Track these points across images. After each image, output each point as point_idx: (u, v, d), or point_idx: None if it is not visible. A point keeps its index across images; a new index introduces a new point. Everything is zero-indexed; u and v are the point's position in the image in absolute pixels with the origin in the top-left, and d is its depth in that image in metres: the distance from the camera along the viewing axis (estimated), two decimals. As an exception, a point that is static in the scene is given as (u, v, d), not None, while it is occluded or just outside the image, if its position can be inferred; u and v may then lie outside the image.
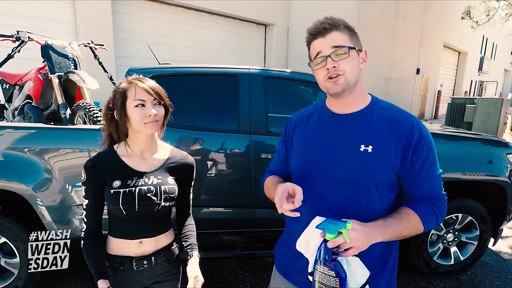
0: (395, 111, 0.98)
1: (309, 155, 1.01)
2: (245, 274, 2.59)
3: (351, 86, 0.93)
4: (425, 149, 0.92)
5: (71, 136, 2.12)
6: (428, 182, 0.95)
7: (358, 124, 0.96)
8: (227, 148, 2.20)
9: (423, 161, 0.92)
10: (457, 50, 15.91)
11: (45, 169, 2.01)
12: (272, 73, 2.35)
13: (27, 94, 2.69)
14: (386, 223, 0.87)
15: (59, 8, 5.91)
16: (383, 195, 0.95)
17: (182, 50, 7.81)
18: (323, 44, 0.91)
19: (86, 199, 1.10)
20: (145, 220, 1.12)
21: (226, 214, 2.29)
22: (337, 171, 0.94)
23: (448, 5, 12.48)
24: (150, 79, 1.13)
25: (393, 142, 0.92)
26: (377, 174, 0.92)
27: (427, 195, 0.95)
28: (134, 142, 1.14)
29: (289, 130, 1.13)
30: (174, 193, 1.15)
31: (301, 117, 1.11)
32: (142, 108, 1.06)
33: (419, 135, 0.92)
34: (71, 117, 2.51)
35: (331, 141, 0.98)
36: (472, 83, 18.54)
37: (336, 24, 0.92)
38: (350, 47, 0.90)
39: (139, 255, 1.12)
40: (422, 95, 12.23)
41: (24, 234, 2.06)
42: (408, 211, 0.92)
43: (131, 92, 1.07)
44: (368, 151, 0.92)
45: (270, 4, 9.30)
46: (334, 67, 0.90)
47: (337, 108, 1.01)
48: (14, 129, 2.03)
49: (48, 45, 2.53)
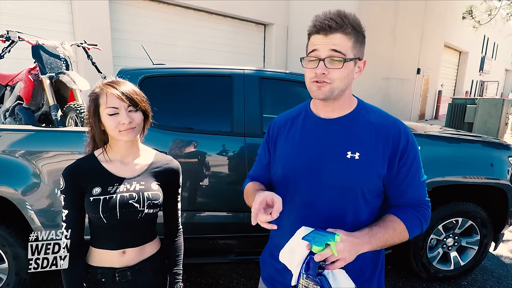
0: (381, 116, 0.95)
1: (294, 161, 0.97)
2: (240, 279, 2.54)
3: (336, 95, 0.88)
4: (411, 155, 0.90)
5: (61, 138, 2.06)
6: (414, 188, 0.93)
7: (344, 129, 0.93)
8: (221, 151, 2.14)
9: (409, 167, 0.91)
10: (458, 49, 15.84)
11: (34, 172, 1.96)
12: (267, 74, 2.29)
13: (18, 95, 2.64)
14: (372, 232, 0.85)
15: (56, 8, 5.86)
16: (370, 203, 0.92)
17: (180, 50, 7.76)
18: (323, 43, 0.85)
19: (66, 209, 1.03)
20: (128, 229, 1.06)
21: (220, 218, 2.23)
22: (324, 179, 0.91)
23: (449, 5, 12.41)
24: (127, 83, 1.06)
25: (380, 148, 0.89)
26: (365, 182, 0.89)
27: (412, 202, 0.94)
28: (114, 147, 1.08)
29: (272, 134, 1.08)
30: (158, 200, 1.09)
31: (284, 120, 1.06)
32: (116, 116, 1.00)
33: (406, 141, 0.90)
34: (62, 118, 2.45)
35: (316, 147, 0.94)
36: (473, 83, 18.47)
37: (344, 25, 0.84)
38: (347, 58, 0.84)
39: (123, 266, 1.07)
40: (422, 95, 12.17)
41: (13, 239, 2.01)
42: (394, 219, 0.90)
43: (103, 99, 1.01)
44: (355, 158, 0.89)
45: (269, 4, 9.24)
46: (324, 74, 0.85)
47: (322, 112, 0.97)
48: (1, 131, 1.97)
49: (39, 45, 2.47)
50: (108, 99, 1.00)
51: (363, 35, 0.89)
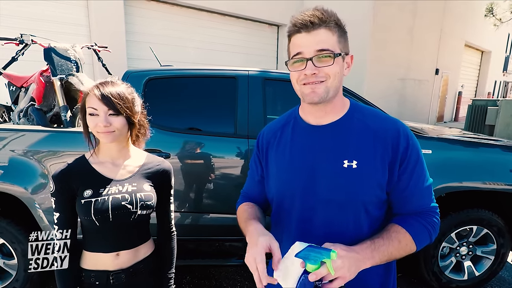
0: (377, 117, 0.87)
1: (287, 176, 0.89)
2: (244, 282, 2.51)
3: (330, 96, 0.82)
4: (412, 158, 0.82)
5: (69, 139, 2.11)
6: (418, 194, 0.85)
7: (338, 136, 0.85)
8: (224, 153, 2.12)
9: (411, 172, 0.83)
10: (480, 49, 15.24)
11: (42, 173, 2.00)
12: (272, 75, 2.26)
13: (31, 97, 2.73)
14: (374, 245, 0.77)
15: (73, 11, 6.04)
16: (372, 215, 0.85)
17: (193, 51, 7.84)
18: (307, 42, 0.78)
19: (57, 212, 1.03)
20: (121, 231, 1.05)
21: (223, 221, 2.22)
22: (320, 192, 0.84)
23: (470, 3, 11.96)
24: (121, 85, 1.05)
25: (378, 154, 0.81)
26: (365, 194, 0.82)
27: (417, 210, 0.85)
28: (104, 148, 1.08)
29: (261, 147, 1.00)
30: (151, 201, 1.08)
31: (273, 131, 0.98)
32: (95, 118, 1.00)
33: (406, 143, 0.82)
34: (71, 119, 2.51)
35: (310, 158, 0.86)
36: (496, 83, 17.72)
37: (326, 19, 0.78)
38: (336, 53, 0.78)
39: (117, 268, 1.06)
40: (441, 97, 11.77)
41: (22, 236, 2.07)
42: (398, 229, 0.81)
43: (87, 98, 1.01)
44: (352, 167, 0.81)
45: (282, 4, 9.19)
46: (314, 74, 0.78)
47: (312, 118, 0.89)
48: (10, 132, 2.03)
49: (50, 47, 2.54)
50: (90, 100, 1.00)
51: (344, 30, 0.83)
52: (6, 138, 1.99)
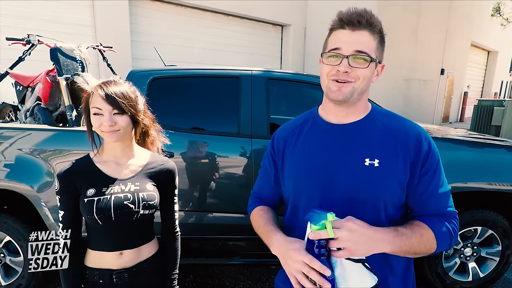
0: (396, 120, 0.88)
1: (306, 174, 0.88)
2: (247, 281, 2.52)
3: (355, 97, 0.82)
4: (434, 162, 0.83)
5: (74, 138, 2.13)
6: (437, 198, 0.84)
7: (360, 135, 0.85)
8: (227, 152, 2.13)
9: (432, 175, 0.83)
10: (486, 49, 15.08)
11: (48, 171, 2.03)
12: (275, 75, 2.26)
13: (38, 96, 2.76)
14: (397, 232, 0.75)
15: (79, 11, 6.11)
16: (391, 215, 0.84)
17: (197, 51, 7.87)
18: (348, 40, 0.78)
19: (62, 210, 1.05)
20: (124, 230, 1.06)
21: (225, 220, 2.23)
22: (341, 191, 0.83)
23: (476, 3, 11.85)
24: (121, 84, 1.06)
25: (400, 154, 0.82)
26: (387, 193, 0.81)
27: (437, 213, 0.84)
28: (108, 148, 1.09)
29: (277, 147, 0.98)
30: (154, 200, 1.08)
31: (290, 130, 0.97)
32: (99, 117, 1.01)
33: (428, 147, 0.83)
34: (77, 118, 2.54)
35: (329, 156, 0.85)
36: (502, 84, 17.52)
37: (373, 23, 0.79)
38: (373, 58, 0.79)
39: (120, 267, 1.06)
40: (446, 97, 11.67)
41: (28, 233, 2.09)
42: (421, 224, 0.80)
43: (91, 98, 1.02)
44: (374, 166, 0.81)
45: (286, 4, 9.19)
46: (346, 73, 0.78)
47: (333, 117, 0.89)
48: (17, 130, 2.06)
49: (56, 48, 2.58)
50: (94, 99, 1.01)
51: (384, 40, 0.84)
52: (13, 137, 2.02)
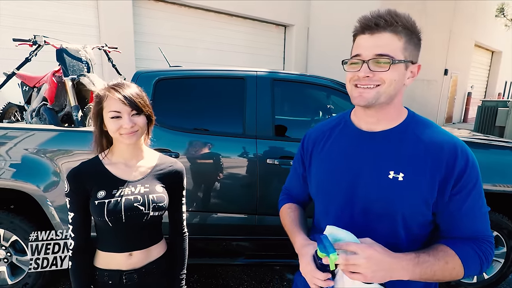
0: (435, 132, 0.81)
1: (329, 178, 0.88)
2: (251, 281, 2.52)
3: (381, 101, 0.78)
4: (470, 181, 0.76)
5: (80, 138, 2.14)
6: (471, 220, 0.78)
7: (388, 145, 0.81)
8: (232, 153, 2.14)
9: (467, 194, 0.76)
10: (490, 49, 15.00)
11: (54, 171, 2.05)
12: (280, 76, 2.27)
13: (44, 96, 2.78)
14: (418, 259, 0.72)
15: (83, 12, 6.13)
16: (412, 232, 0.80)
17: (201, 52, 7.88)
18: (368, 45, 0.76)
19: (72, 212, 1.04)
20: (134, 232, 1.07)
21: (230, 220, 2.23)
22: (361, 200, 0.81)
23: (480, 3, 11.79)
24: (131, 85, 1.07)
25: (428, 170, 0.76)
26: (407, 208, 0.77)
27: (469, 235, 0.78)
28: (118, 149, 1.09)
29: (306, 147, 0.99)
30: (163, 202, 1.09)
31: (321, 132, 0.96)
32: (118, 120, 1.01)
33: (465, 164, 0.75)
34: (82, 119, 2.56)
35: (355, 164, 0.83)
36: (506, 84, 17.41)
37: (393, 23, 0.74)
38: (396, 60, 0.74)
39: (129, 268, 1.07)
40: (450, 97, 11.62)
41: (35, 233, 2.11)
42: (447, 250, 0.75)
43: (106, 102, 1.01)
44: (398, 179, 0.77)
45: (289, 5, 9.18)
46: (368, 77, 0.76)
47: (364, 124, 0.86)
48: (24, 131, 2.08)
49: (62, 48, 2.59)
50: (111, 103, 1.01)
51: (417, 38, 0.78)
52: (20, 137, 2.04)
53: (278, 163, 2.12)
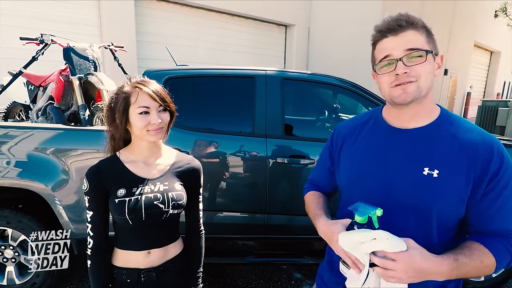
0: (470, 131, 0.81)
1: (361, 174, 0.89)
2: (259, 281, 2.52)
3: (422, 96, 0.80)
4: (504, 179, 0.77)
5: (88, 137, 2.14)
6: (503, 217, 0.79)
7: (422, 142, 0.82)
8: (242, 152, 2.14)
9: (499, 193, 0.77)
10: (489, 49, 15.08)
11: (63, 169, 2.04)
12: (290, 75, 2.27)
13: (50, 95, 2.77)
14: (457, 263, 0.72)
15: (85, 11, 6.11)
16: (445, 227, 0.81)
17: (203, 51, 7.87)
18: (395, 44, 0.78)
19: (90, 211, 1.04)
20: (153, 230, 1.07)
21: (239, 219, 2.23)
22: (393, 195, 0.82)
23: (479, 3, 11.85)
24: (155, 82, 1.07)
25: (463, 167, 0.77)
26: (441, 204, 0.78)
27: (499, 232, 0.79)
28: (137, 148, 1.08)
29: (336, 141, 1.01)
30: (182, 200, 1.09)
31: (352, 127, 0.98)
32: (146, 116, 1.00)
33: (500, 163, 0.76)
34: (90, 118, 2.55)
35: (387, 160, 0.85)
36: (505, 84, 17.51)
37: (414, 21, 0.78)
38: (428, 50, 0.77)
39: (148, 266, 1.07)
40: (450, 97, 11.67)
41: (43, 232, 2.10)
42: (481, 248, 0.76)
43: (134, 98, 1.01)
44: (433, 176, 0.78)
45: (290, 5, 9.19)
46: (406, 73, 0.77)
47: (397, 121, 0.87)
48: (33, 130, 2.07)
49: (69, 47, 2.59)
50: (140, 98, 1.00)
51: (431, 33, 0.82)
52: (28, 136, 2.03)
53: (288, 162, 2.12)
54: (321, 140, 2.26)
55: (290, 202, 2.21)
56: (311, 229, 2.05)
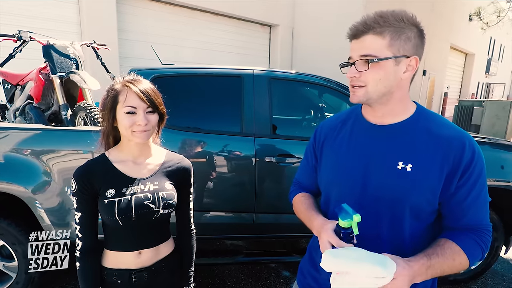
0: (443, 126, 0.84)
1: (340, 169, 0.92)
2: (248, 280, 2.53)
3: (375, 99, 0.83)
4: (475, 172, 0.79)
5: (70, 137, 2.07)
6: (475, 210, 0.82)
7: (397, 137, 0.85)
8: (230, 151, 2.14)
9: (472, 185, 0.80)
10: (464, 51, 15.71)
11: (44, 171, 1.97)
12: (277, 74, 2.29)
13: (29, 95, 2.66)
14: (430, 262, 0.75)
15: (64, 8, 5.90)
16: (418, 220, 0.84)
17: (186, 51, 7.78)
18: (354, 48, 0.82)
19: (79, 212, 1.01)
20: (143, 230, 1.05)
21: (228, 219, 2.23)
22: (370, 189, 0.85)
23: (458, 5, 12.32)
24: (147, 81, 1.05)
25: (437, 161, 0.80)
26: (415, 197, 0.81)
27: (472, 225, 0.82)
28: (126, 147, 1.06)
29: (318, 139, 1.03)
30: (173, 199, 1.08)
31: (333, 125, 1.01)
32: (133, 116, 0.98)
33: (471, 156, 0.79)
34: (72, 118, 2.47)
35: (364, 155, 0.88)
36: (479, 85, 18.30)
37: (375, 25, 0.79)
38: (376, 58, 0.78)
39: (139, 267, 1.05)
40: (428, 97, 12.08)
41: (23, 237, 2.02)
42: (453, 246, 0.79)
43: (123, 96, 0.98)
44: (406, 170, 0.81)
45: (275, 5, 9.24)
46: (355, 77, 0.82)
47: (372, 118, 0.90)
48: (13, 130, 1.99)
49: (50, 45, 2.49)
50: (128, 97, 0.98)
51: (412, 30, 0.81)
52: (5, 137, 1.95)
53: (276, 161, 2.13)
54: (308, 139, 2.29)
55: (279, 201, 2.23)
56: (299, 228, 2.08)
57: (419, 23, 0.83)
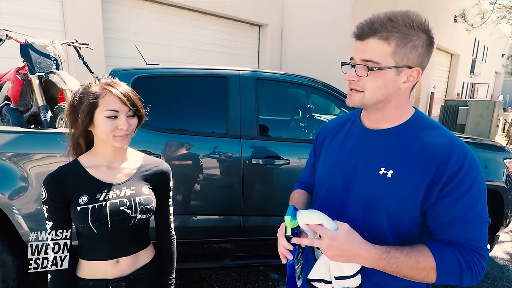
0: (435, 134, 0.79)
1: (330, 169, 0.94)
2: (236, 283, 2.49)
3: (370, 105, 0.82)
4: (462, 186, 0.73)
5: (50, 140, 1.99)
6: (460, 226, 0.74)
7: (385, 143, 0.83)
8: (216, 153, 2.09)
9: (456, 199, 0.73)
10: (450, 52, 16.05)
11: (22, 176, 1.89)
12: (264, 75, 2.26)
13: (6, 96, 2.56)
14: (387, 255, 0.72)
15: (46, 6, 5.74)
16: (399, 229, 0.80)
17: (174, 50, 7.68)
18: (358, 49, 0.78)
19: (50, 221, 0.96)
20: (121, 237, 1.01)
21: (215, 222, 2.19)
22: (353, 192, 0.86)
23: (444, 6, 12.56)
24: (124, 84, 1.01)
25: (419, 169, 0.75)
26: (391, 204, 0.79)
27: (457, 241, 0.75)
28: (101, 151, 1.02)
29: (319, 139, 1.06)
30: (151, 204, 1.04)
31: (333, 126, 1.02)
32: (114, 120, 0.95)
33: (459, 168, 0.73)
34: (52, 120, 2.38)
35: (353, 158, 0.88)
36: (464, 85, 18.73)
37: (381, 28, 0.73)
38: (378, 67, 0.75)
39: (116, 276, 1.01)
40: (415, 97, 12.28)
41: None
42: (423, 250, 0.74)
43: (103, 100, 0.94)
44: (387, 176, 0.79)
45: (264, 5, 9.22)
46: (354, 81, 0.80)
47: (367, 122, 0.90)
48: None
49: (28, 44, 2.40)
50: (109, 101, 0.94)
51: (420, 38, 0.76)
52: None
53: (263, 163, 2.10)
54: (295, 140, 2.26)
55: (266, 203, 2.20)
56: (287, 230, 2.06)
57: (431, 30, 0.78)
